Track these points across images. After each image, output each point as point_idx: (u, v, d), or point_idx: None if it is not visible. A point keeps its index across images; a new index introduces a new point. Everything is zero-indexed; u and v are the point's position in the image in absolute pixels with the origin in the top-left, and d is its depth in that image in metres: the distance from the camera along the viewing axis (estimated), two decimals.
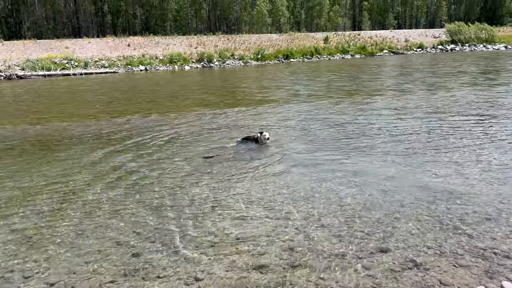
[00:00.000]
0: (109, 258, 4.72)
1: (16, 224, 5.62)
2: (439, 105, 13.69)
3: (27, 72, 30.39)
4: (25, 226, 5.53)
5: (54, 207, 6.15)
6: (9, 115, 14.77)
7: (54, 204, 6.26)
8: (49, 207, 6.15)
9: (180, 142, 9.86)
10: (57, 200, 6.40)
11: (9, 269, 4.56)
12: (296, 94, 18.16)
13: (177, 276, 4.35)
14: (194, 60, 38.44)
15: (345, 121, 11.59)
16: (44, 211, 6.01)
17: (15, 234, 5.32)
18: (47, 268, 4.56)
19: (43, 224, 5.59)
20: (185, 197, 6.40)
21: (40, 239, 5.18)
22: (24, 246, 5.04)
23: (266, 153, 8.63)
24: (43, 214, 5.89)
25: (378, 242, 4.84)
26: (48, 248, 4.95)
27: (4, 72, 30.03)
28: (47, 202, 6.33)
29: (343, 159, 8.05)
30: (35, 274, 4.45)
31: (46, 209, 6.08)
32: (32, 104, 17.35)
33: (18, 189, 6.93)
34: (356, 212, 5.67)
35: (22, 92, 22.20)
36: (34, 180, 7.32)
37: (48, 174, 7.60)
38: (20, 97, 20.03)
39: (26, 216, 5.84)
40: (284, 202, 6.10)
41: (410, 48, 49.05)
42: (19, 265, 4.63)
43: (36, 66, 31.45)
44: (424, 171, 7.22)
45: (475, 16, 78.85)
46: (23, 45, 38.74)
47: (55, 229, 5.42)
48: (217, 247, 4.87)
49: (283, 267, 4.42)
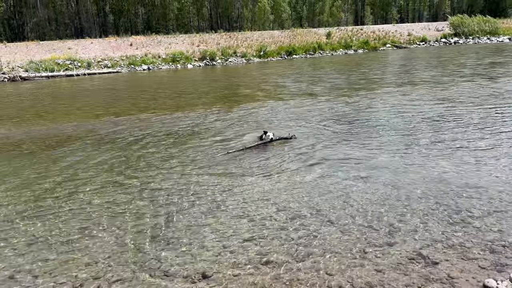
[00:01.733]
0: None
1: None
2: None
3: (30, 74, 30.47)
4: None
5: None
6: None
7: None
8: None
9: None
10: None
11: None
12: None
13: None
14: (196, 58, 38.41)
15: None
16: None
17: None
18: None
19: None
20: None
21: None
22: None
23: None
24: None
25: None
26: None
27: (8, 74, 30.12)
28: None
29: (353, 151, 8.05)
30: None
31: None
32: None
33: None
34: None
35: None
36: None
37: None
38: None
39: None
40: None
41: (413, 42, 48.75)
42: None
43: (39, 68, 31.54)
44: (435, 165, 7.19)
45: (479, 8, 78.19)
46: (26, 47, 38.85)
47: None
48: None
49: None
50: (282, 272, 4.28)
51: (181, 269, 4.44)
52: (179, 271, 4.41)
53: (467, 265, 4.22)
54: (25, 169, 8.09)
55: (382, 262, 4.35)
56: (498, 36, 50.64)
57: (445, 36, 50.52)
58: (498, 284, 3.85)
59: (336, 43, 45.89)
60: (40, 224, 5.61)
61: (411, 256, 4.42)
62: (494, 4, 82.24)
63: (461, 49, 40.07)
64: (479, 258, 4.31)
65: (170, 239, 5.07)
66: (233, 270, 4.36)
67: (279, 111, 13.12)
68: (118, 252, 4.83)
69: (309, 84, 20.05)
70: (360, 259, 4.42)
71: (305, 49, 42.89)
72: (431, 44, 48.25)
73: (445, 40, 49.51)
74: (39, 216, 5.88)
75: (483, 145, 8.16)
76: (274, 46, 43.14)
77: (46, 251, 4.92)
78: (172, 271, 4.40)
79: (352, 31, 51.85)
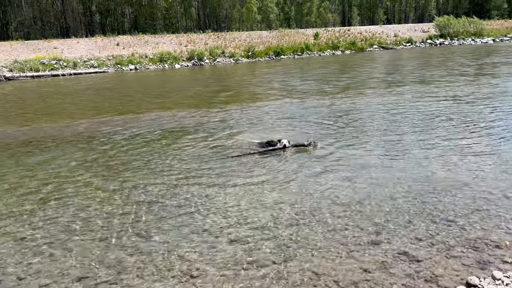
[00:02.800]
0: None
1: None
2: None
3: (15, 74, 29.97)
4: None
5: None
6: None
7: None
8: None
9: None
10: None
11: None
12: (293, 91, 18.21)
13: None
14: (184, 58, 38.25)
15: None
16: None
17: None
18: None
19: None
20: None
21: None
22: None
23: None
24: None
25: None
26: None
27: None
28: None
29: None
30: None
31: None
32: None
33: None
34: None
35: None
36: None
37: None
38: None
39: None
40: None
41: (400, 43, 49.29)
42: None
43: (24, 68, 31.06)
44: (420, 164, 7.28)
45: (464, 10, 79.43)
46: (10, 46, 38.18)
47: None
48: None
49: None
50: (269, 272, 4.29)
51: (168, 269, 4.41)
52: (166, 271, 4.38)
53: (450, 263, 4.28)
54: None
55: (368, 261, 4.39)
56: (482, 38, 51.49)
57: (431, 37, 51.21)
58: (481, 281, 3.92)
59: (324, 44, 46.17)
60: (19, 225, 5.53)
61: (396, 254, 4.47)
62: (479, 6, 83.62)
63: (446, 50, 40.63)
64: (462, 256, 4.38)
65: (156, 239, 5.04)
66: (220, 270, 4.35)
67: (267, 111, 13.15)
68: (103, 253, 4.78)
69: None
70: (346, 258, 4.45)
71: (293, 49, 43.05)
72: (417, 45, 48.85)
73: (431, 41, 50.18)
74: (17, 218, 5.80)
75: (469, 144, 8.29)
76: (262, 46, 43.21)
77: (30, 253, 4.84)
78: (159, 271, 4.37)
79: (339, 32, 52.22)
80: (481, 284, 3.88)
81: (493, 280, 3.93)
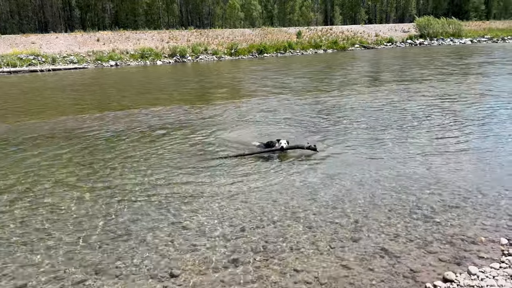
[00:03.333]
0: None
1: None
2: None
3: None
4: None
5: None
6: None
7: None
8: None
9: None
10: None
11: None
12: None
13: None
14: (166, 55, 37.91)
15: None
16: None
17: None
18: None
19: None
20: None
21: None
22: None
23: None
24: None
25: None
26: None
27: None
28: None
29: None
30: None
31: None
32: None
33: None
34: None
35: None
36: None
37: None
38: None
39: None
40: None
41: (381, 42, 49.96)
42: None
43: (1, 63, 30.26)
44: (400, 162, 7.38)
45: (443, 11, 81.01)
46: None
47: None
48: None
49: None
50: (249, 269, 4.28)
51: (148, 268, 4.35)
52: (146, 270, 4.32)
53: (428, 258, 4.35)
54: None
55: (347, 257, 4.42)
56: (461, 38, 52.60)
57: (411, 37, 52.07)
58: (457, 277, 3.99)
59: (306, 43, 46.44)
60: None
61: (375, 251, 4.52)
62: (457, 7, 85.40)
63: (426, 50, 41.34)
64: (439, 252, 4.46)
65: (136, 238, 4.98)
66: (200, 269, 4.32)
67: (249, 109, 13.13)
68: (80, 253, 4.69)
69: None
70: (326, 255, 4.48)
71: (276, 48, 43.16)
72: (397, 45, 49.58)
73: (411, 41, 51.01)
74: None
75: (450, 142, 8.45)
76: (245, 44, 43.16)
77: (3, 253, 4.72)
78: (138, 271, 4.32)
79: (321, 31, 52.57)
80: (457, 279, 3.96)
81: (469, 275, 4.02)
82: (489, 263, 4.22)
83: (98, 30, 47.75)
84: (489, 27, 61.18)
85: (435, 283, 3.92)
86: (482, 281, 3.90)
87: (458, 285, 3.88)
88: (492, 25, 62.92)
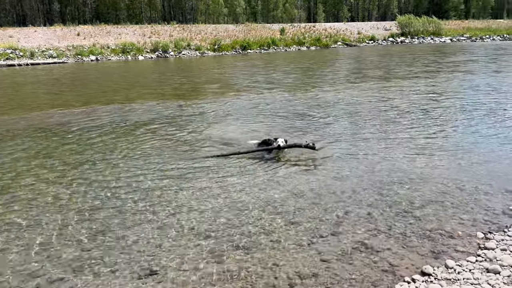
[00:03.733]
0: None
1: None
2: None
3: None
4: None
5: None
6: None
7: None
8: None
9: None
10: None
11: None
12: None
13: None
14: (148, 50, 37.44)
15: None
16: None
17: None
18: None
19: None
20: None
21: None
22: None
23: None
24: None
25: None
26: None
27: None
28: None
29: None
30: None
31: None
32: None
33: None
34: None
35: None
36: None
37: None
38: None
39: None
40: None
41: (363, 40, 50.39)
42: None
43: None
44: (381, 157, 7.46)
45: (424, 9, 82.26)
46: None
47: None
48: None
49: None
50: (230, 265, 4.26)
51: (127, 266, 4.29)
52: (125, 268, 4.26)
53: (407, 253, 4.41)
54: None
55: (328, 252, 4.45)
56: (441, 37, 53.51)
57: (393, 36, 52.66)
58: (435, 270, 4.06)
59: (290, 40, 46.50)
60: None
61: (355, 245, 4.56)
62: (437, 6, 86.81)
63: (408, 48, 41.91)
64: (418, 246, 4.52)
65: (114, 235, 4.90)
66: (181, 265, 4.28)
67: (237, 105, 13.09)
68: (56, 250, 4.60)
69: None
70: (307, 250, 4.49)
71: (260, 44, 43.08)
72: (379, 43, 50.09)
73: (392, 39, 51.60)
74: None
75: (430, 138, 8.60)
76: (229, 40, 42.96)
77: None
78: (117, 268, 4.25)
79: (305, 28, 52.75)
80: (435, 272, 4.03)
81: (446, 269, 4.09)
82: (465, 256, 4.30)
83: (78, 24, 46.80)
84: (468, 26, 62.39)
85: (414, 277, 3.98)
86: (459, 274, 3.97)
87: (436, 278, 3.95)
88: (471, 25, 64.19)
